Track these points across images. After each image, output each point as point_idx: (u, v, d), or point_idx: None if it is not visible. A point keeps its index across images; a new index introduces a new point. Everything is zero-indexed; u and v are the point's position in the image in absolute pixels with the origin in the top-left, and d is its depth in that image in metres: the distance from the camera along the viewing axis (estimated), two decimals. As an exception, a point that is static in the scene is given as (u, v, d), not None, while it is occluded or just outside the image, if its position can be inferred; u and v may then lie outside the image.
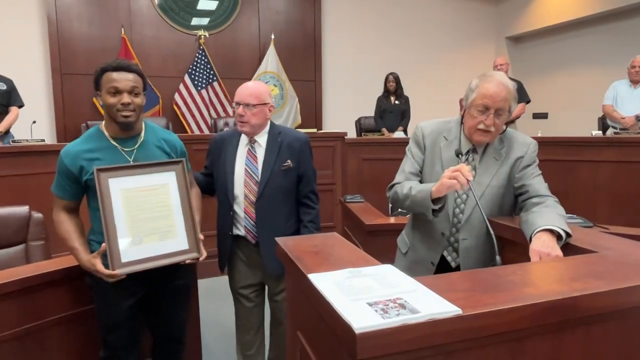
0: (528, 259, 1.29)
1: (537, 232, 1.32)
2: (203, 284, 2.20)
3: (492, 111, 1.52)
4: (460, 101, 1.66)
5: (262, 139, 2.01)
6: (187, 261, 1.74)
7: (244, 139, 2.03)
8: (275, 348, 2.24)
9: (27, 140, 3.52)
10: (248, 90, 1.96)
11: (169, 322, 1.88)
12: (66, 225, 1.70)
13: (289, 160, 2.00)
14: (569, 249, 1.30)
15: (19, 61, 5.10)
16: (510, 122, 5.06)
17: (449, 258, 1.67)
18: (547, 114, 7.14)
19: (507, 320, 0.79)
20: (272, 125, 2.06)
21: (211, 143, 2.11)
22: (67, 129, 5.38)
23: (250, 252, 2.04)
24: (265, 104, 1.97)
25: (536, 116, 7.14)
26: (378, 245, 2.31)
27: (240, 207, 1.99)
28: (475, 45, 7.59)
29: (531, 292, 0.87)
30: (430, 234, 1.68)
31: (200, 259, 1.76)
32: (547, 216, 1.38)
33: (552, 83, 7.07)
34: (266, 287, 2.14)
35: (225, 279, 2.13)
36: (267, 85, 2.04)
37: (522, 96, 5.08)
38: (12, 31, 5.19)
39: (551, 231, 1.32)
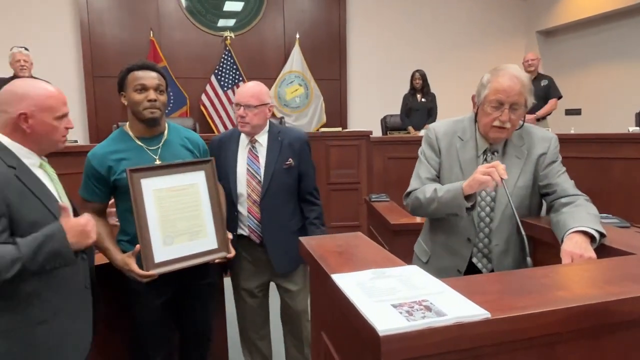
0: (560, 261, 1.24)
1: (570, 233, 1.28)
2: (229, 282, 2.22)
3: (507, 106, 1.45)
4: (473, 98, 1.59)
5: (262, 138, 2.03)
6: (217, 260, 1.76)
7: (244, 139, 2.05)
8: (290, 346, 2.23)
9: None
10: (249, 91, 1.98)
11: (196, 320, 1.91)
12: (97, 227, 1.73)
13: (290, 159, 2.01)
14: (604, 250, 1.25)
15: (54, 65, 5.27)
16: (542, 119, 4.95)
17: (479, 265, 1.60)
18: (580, 110, 6.90)
19: (538, 324, 0.76)
20: (271, 124, 2.08)
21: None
22: (99, 130, 5.55)
23: (255, 252, 2.05)
24: (265, 104, 1.99)
25: (569, 112, 6.91)
26: (404, 245, 2.28)
27: (244, 207, 2.01)
28: (504, 40, 7.40)
29: (563, 295, 0.84)
30: (454, 241, 1.61)
31: (229, 257, 1.78)
32: (578, 216, 1.33)
33: (586, 78, 6.82)
34: (271, 285, 2.16)
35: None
36: (265, 86, 2.06)
37: (554, 91, 4.95)
38: (47, 36, 5.38)
39: (584, 232, 1.27)
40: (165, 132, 1.81)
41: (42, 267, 1.23)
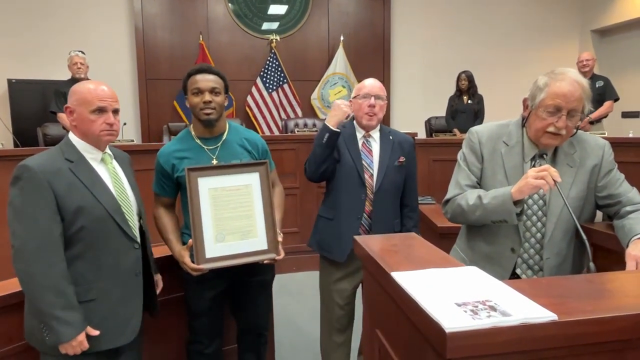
0: (621, 269, 1.20)
1: (636, 238, 1.23)
2: (275, 280, 2.26)
3: (565, 112, 1.38)
4: (525, 101, 1.51)
5: (375, 134, 2.09)
6: (265, 261, 1.80)
7: (357, 134, 2.09)
8: None
9: (119, 141, 3.83)
10: (376, 83, 2.07)
11: (250, 315, 1.98)
12: (163, 219, 1.85)
13: (402, 157, 2.06)
14: (673, 258, 1.19)
15: (111, 69, 5.55)
16: (597, 122, 4.73)
17: (523, 276, 1.52)
18: (639, 112, 6.55)
19: (607, 329, 0.74)
20: (381, 125, 2.12)
21: None
22: (150, 130, 5.79)
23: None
24: (386, 100, 2.07)
25: (626, 115, 6.56)
26: (450, 248, 2.25)
27: None
28: (556, 40, 7.12)
29: (633, 302, 0.82)
30: (495, 250, 1.54)
31: (278, 259, 1.81)
32: (646, 222, 1.28)
33: (644, 79, 6.47)
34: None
35: (296, 276, 2.15)
36: None
37: (610, 93, 4.73)
38: (104, 41, 5.67)
39: (652, 238, 1.22)
40: (225, 132, 1.89)
41: None
